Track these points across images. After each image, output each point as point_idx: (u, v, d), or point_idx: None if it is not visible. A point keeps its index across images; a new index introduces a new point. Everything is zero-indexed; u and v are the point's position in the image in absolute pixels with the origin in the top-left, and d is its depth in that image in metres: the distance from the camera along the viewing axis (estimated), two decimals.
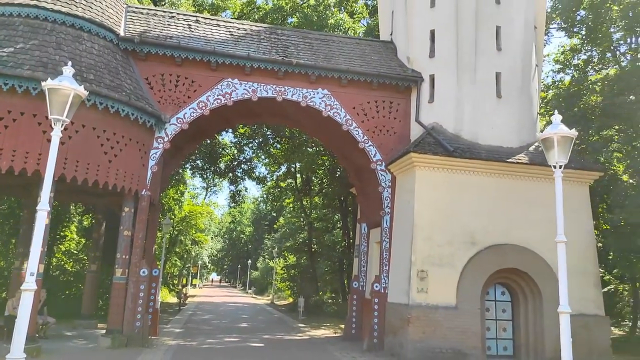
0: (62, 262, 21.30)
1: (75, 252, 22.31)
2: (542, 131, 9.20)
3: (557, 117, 7.24)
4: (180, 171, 25.41)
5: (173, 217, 29.31)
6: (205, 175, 31.10)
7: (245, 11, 25.12)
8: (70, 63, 7.01)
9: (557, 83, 25.77)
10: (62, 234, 21.79)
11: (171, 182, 22.69)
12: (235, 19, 25.08)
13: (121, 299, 11.91)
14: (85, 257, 20.69)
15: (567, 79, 24.73)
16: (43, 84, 6.26)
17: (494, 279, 12.51)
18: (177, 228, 32.78)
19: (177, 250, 35.68)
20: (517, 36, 14.11)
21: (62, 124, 6.24)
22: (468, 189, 12.61)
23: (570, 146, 7.24)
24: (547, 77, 27.01)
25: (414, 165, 12.55)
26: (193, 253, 44.44)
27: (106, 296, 17.17)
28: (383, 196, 13.97)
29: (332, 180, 26.19)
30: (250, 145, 27.26)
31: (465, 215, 12.40)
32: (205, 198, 45.37)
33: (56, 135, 6.21)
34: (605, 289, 22.46)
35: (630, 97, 16.43)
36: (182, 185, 29.29)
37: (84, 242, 22.74)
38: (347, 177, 19.45)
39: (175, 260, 36.83)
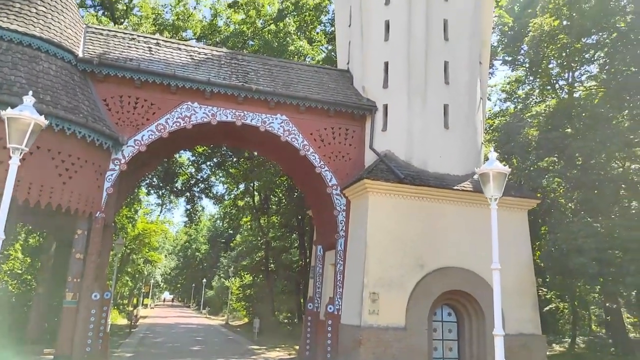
0: (5, 283, 20.32)
1: (19, 272, 21.35)
2: (486, 159, 9.96)
3: (492, 155, 7.97)
4: (136, 190, 24.97)
5: (125, 235, 28.63)
6: (161, 193, 30.63)
7: (206, 33, 25.34)
8: (31, 93, 7.08)
9: (503, 111, 27.61)
10: (5, 252, 20.83)
11: (126, 201, 22.28)
12: (196, 39, 25.21)
13: (71, 324, 11.62)
14: (31, 277, 19.87)
15: (513, 107, 26.61)
16: (2, 113, 6.32)
17: (441, 300, 13.16)
18: (129, 247, 31.98)
19: (129, 269, 34.72)
20: (463, 71, 15.12)
21: (21, 153, 6.31)
22: (417, 214, 13.29)
23: (505, 180, 7.97)
24: (495, 105, 28.88)
25: (367, 190, 13.12)
26: (145, 272, 43.26)
27: (55, 319, 16.57)
28: (338, 220, 14.43)
29: (289, 200, 26.43)
30: (208, 163, 27.16)
31: (415, 239, 13.04)
32: (160, 215, 44.45)
33: (14, 164, 6.26)
34: (547, 308, 23.85)
35: (567, 130, 17.89)
36: (136, 204, 28.73)
37: (29, 261, 21.80)
38: (304, 198, 19.82)
39: (127, 280, 35.79)
